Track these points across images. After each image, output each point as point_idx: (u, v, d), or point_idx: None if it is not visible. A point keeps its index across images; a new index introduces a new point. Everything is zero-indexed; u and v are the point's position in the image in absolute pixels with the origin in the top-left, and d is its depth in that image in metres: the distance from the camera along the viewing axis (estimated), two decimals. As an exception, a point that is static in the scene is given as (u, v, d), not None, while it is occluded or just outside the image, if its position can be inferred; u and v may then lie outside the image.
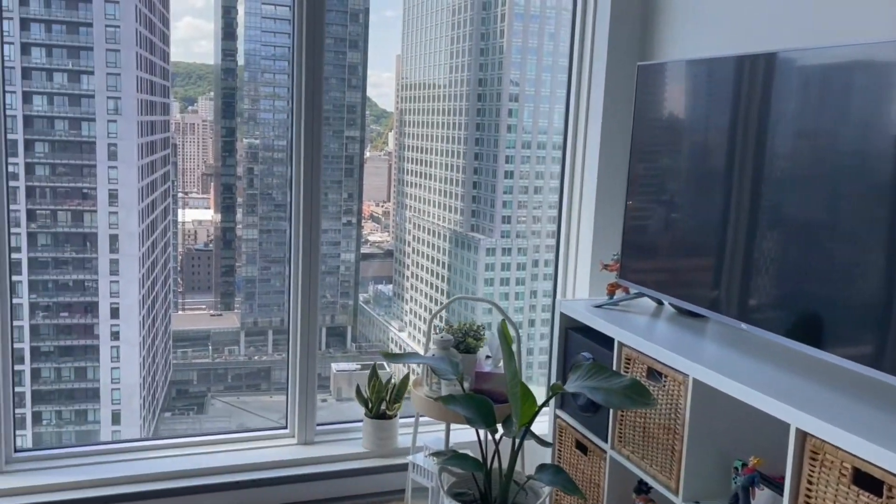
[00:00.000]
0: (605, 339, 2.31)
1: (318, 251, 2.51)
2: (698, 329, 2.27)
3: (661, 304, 2.45)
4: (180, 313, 7.65)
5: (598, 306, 2.40)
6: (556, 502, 2.55)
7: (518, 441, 2.15)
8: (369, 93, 7.74)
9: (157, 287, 7.18)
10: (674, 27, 2.54)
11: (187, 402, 7.66)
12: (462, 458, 2.14)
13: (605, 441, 2.28)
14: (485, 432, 2.18)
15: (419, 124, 7.59)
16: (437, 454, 2.24)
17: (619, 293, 2.44)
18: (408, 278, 7.62)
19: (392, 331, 7.81)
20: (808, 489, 1.61)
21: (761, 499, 1.85)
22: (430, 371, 2.34)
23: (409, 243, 7.65)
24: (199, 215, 7.77)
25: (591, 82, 2.65)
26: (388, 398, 2.53)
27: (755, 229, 1.98)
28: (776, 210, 1.91)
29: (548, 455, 2.51)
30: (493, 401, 2.19)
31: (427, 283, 7.58)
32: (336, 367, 7.49)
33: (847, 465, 1.51)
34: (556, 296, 2.75)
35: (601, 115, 2.60)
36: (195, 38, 7.57)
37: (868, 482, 1.48)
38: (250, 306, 7.40)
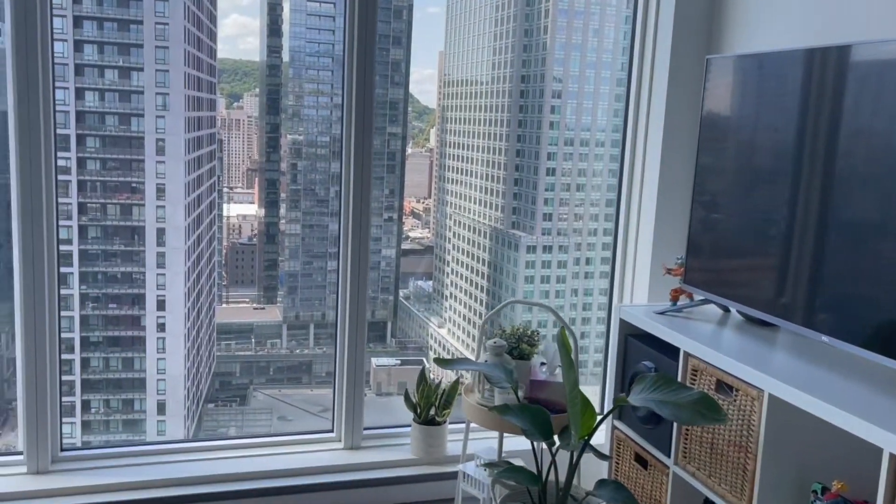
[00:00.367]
0: (667, 348, 2.15)
1: (368, 250, 2.39)
2: (769, 339, 2.10)
3: (727, 310, 2.28)
4: (224, 306, 7.65)
5: (660, 312, 2.24)
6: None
7: (577, 454, 2.01)
8: (411, 89, 7.64)
9: (202, 280, 7.18)
10: (744, 18, 2.36)
11: (230, 393, 7.66)
12: (517, 471, 2.01)
13: (668, 455, 2.12)
14: (540, 444, 2.04)
15: (461, 121, 7.46)
16: (489, 465, 2.11)
17: (683, 299, 2.27)
18: (448, 275, 7.51)
19: (432, 327, 7.71)
20: (909, 523, 1.44)
21: (847, 527, 1.69)
22: (483, 378, 2.21)
23: (450, 240, 7.54)
24: (243, 210, 7.77)
25: (653, 76, 2.48)
26: (437, 404, 2.40)
27: (838, 232, 1.80)
28: (862, 212, 1.73)
29: (604, 468, 2.36)
30: (548, 411, 2.05)
31: (467, 279, 7.45)
32: (376, 361, 7.42)
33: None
34: (613, 300, 2.59)
35: (663, 111, 2.43)
36: (241, 35, 7.53)
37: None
38: (292, 300, 7.37)
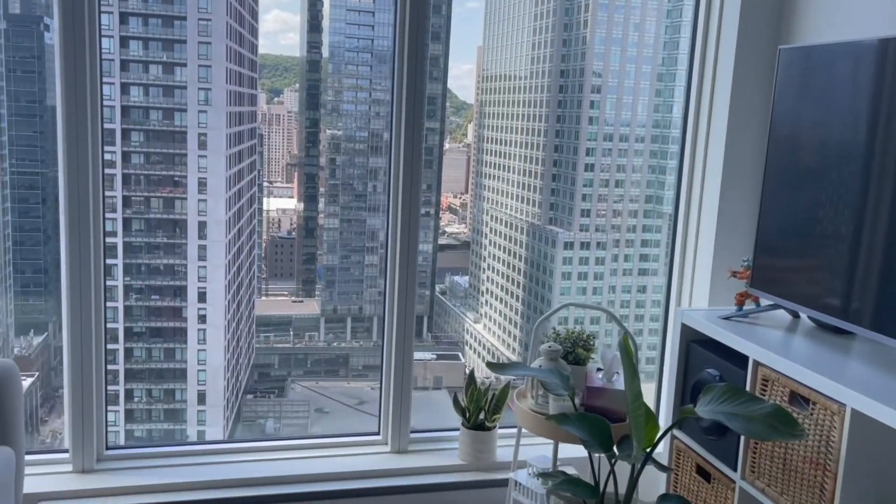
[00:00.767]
0: (733, 356, 1.99)
1: (416, 250, 2.28)
2: (844, 347, 1.93)
3: (796, 316, 2.12)
4: (263, 299, 7.64)
5: (725, 318, 2.09)
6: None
7: (638, 468, 1.87)
8: (449, 84, 7.51)
9: (242, 273, 7.17)
10: (816, 6, 2.18)
11: (269, 385, 7.66)
12: (574, 484, 1.88)
13: (734, 469, 1.97)
14: (598, 454, 1.91)
15: (499, 116, 7.32)
16: (544, 475, 1.98)
17: (749, 303, 2.12)
18: (484, 270, 7.38)
19: (467, 322, 7.61)
20: None
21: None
22: (537, 383, 2.08)
23: (486, 235, 7.42)
24: (282, 204, 7.74)
25: (716, 69, 2.32)
26: (486, 408, 2.28)
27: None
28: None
29: (661, 480, 2.22)
30: (607, 419, 1.91)
31: (503, 275, 7.32)
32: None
33: None
34: (671, 302, 2.44)
35: (728, 105, 2.27)
36: (282, 31, 7.48)
37: None
38: (330, 294, 7.32)
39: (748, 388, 1.92)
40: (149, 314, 6.63)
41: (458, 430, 2.32)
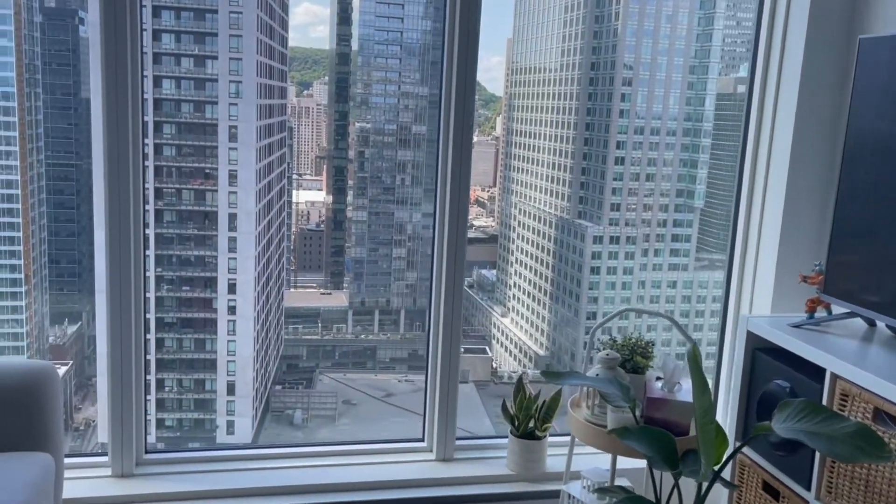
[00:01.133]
0: (805, 366, 1.84)
1: (465, 251, 2.15)
2: (928, 360, 1.76)
3: (872, 324, 1.95)
4: (292, 291, 7.56)
5: (795, 325, 1.93)
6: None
7: (706, 487, 1.72)
8: (478, 77, 7.34)
9: (272, 265, 7.09)
10: (895, -7, 2.00)
11: (297, 376, 7.59)
12: (636, 502, 1.74)
13: (807, 489, 1.82)
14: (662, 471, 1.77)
15: (528, 108, 7.15)
16: (602, 490, 1.85)
17: (821, 310, 1.95)
18: (512, 264, 7.23)
19: (495, 316, 7.47)
20: None
21: None
22: (593, 392, 1.94)
23: (514, 229, 7.27)
24: (311, 196, 7.63)
25: (782, 60, 2.14)
26: (537, 416, 2.14)
27: None
28: None
29: (722, 496, 2.07)
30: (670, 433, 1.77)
31: (531, 269, 7.17)
32: (440, 349, 7.22)
33: None
34: (729, 307, 2.28)
35: (796, 97, 2.10)
36: (312, 24, 7.36)
37: None
38: (358, 286, 7.23)
39: (825, 403, 1.76)
40: (179, 305, 6.59)
41: (505, 437, 2.19)
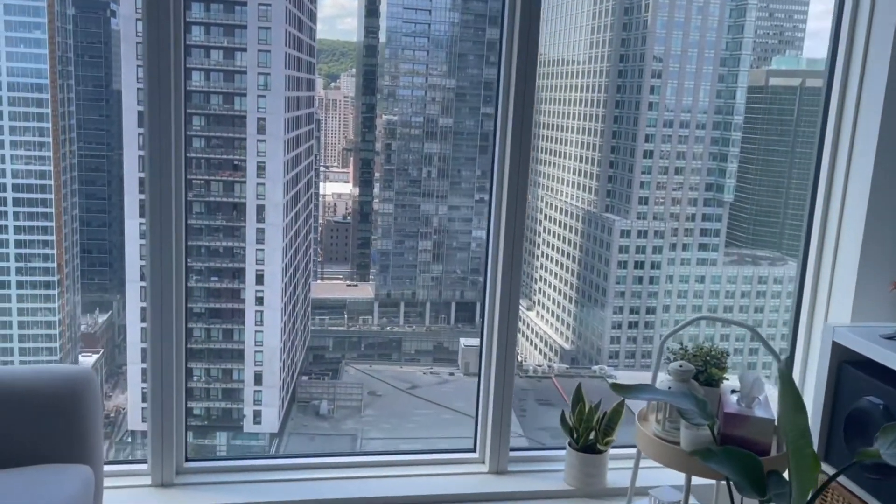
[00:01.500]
0: (899, 382, 1.66)
1: (521, 253, 1.98)
2: None
3: (965, 334, 1.77)
4: (319, 282, 7.45)
5: (889, 337, 1.74)
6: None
7: (795, 513, 1.55)
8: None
9: (299, 256, 6.97)
10: None
11: (323, 367, 7.49)
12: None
13: (898, 512, 1.64)
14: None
15: (555, 101, 6.95)
16: (675, 513, 1.68)
17: (910, 321, 1.77)
18: (538, 258, 7.07)
19: (520, 309, 7.26)
20: None
21: None
22: (664, 406, 1.77)
23: (541, 222, 7.09)
24: (338, 189, 7.48)
25: (867, 53, 1.95)
26: (598, 428, 1.98)
27: None
28: None
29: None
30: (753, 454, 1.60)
31: (558, 263, 7.00)
32: (464, 341, 7.10)
33: None
34: (801, 314, 2.10)
35: (883, 91, 1.90)
36: (340, 16, 7.19)
37: None
38: (384, 278, 7.10)
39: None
40: (208, 295, 6.50)
41: (563, 449, 2.03)
